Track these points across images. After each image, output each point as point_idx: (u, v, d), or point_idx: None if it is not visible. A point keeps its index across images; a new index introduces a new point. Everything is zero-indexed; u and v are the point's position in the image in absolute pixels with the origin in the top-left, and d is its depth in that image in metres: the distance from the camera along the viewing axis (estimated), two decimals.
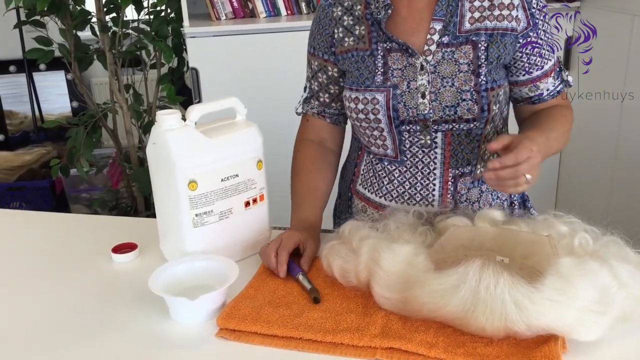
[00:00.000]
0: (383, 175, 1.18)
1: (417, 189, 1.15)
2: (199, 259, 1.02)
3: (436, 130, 1.11)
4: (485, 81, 1.08)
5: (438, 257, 0.96)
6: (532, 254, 0.94)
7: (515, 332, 0.82)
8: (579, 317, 0.80)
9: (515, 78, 1.14)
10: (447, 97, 1.08)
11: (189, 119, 1.03)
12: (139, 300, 0.99)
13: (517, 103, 1.19)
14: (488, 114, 1.09)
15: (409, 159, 1.14)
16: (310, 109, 1.25)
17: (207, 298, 0.92)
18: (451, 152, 1.12)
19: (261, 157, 1.11)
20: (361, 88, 1.12)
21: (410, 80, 1.09)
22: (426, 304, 0.86)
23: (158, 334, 0.92)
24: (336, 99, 1.22)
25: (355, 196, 1.26)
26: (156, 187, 1.07)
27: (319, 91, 1.22)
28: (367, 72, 1.11)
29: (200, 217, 1.04)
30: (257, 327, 0.90)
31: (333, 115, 1.24)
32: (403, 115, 1.10)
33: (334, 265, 0.99)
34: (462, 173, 1.14)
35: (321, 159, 1.23)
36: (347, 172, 1.30)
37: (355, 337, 0.86)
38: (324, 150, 1.25)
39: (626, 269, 0.84)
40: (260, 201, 1.12)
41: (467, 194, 1.16)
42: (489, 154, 1.13)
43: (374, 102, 1.10)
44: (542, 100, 1.16)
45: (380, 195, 1.19)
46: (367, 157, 1.22)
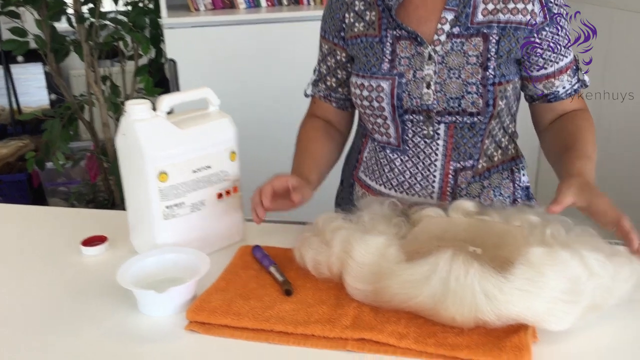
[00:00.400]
0: (385, 163, 1.18)
1: (417, 179, 1.15)
2: (170, 252, 1.01)
3: (439, 121, 1.09)
4: (493, 75, 1.06)
5: (411, 248, 0.96)
6: (504, 244, 0.93)
7: (485, 322, 0.82)
8: (549, 307, 0.80)
9: (529, 73, 1.12)
10: (453, 89, 1.07)
11: (160, 109, 1.02)
12: (108, 293, 0.98)
13: (533, 101, 1.17)
14: (493, 108, 1.08)
15: (411, 148, 1.13)
16: (318, 91, 1.25)
17: (176, 291, 0.90)
18: (453, 145, 1.11)
19: (234, 149, 1.09)
20: (367, 75, 1.11)
21: (417, 70, 1.08)
22: (397, 294, 0.86)
23: (126, 327, 0.91)
24: (343, 84, 1.21)
25: (357, 183, 1.25)
26: (126, 178, 1.06)
27: (326, 75, 1.22)
28: (374, 58, 1.11)
29: (171, 209, 1.02)
30: (227, 319, 0.89)
31: (339, 100, 1.24)
32: (407, 104, 1.09)
33: (307, 257, 0.98)
34: (464, 167, 1.13)
35: (326, 132, 1.23)
36: (351, 158, 1.30)
37: (327, 328, 0.86)
38: (330, 127, 1.25)
39: (597, 258, 0.84)
40: (233, 193, 1.10)
41: (467, 188, 1.15)
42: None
43: (378, 89, 1.09)
44: (558, 99, 1.14)
45: (381, 183, 1.19)
46: (371, 144, 1.21)
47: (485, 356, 0.79)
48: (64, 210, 1.46)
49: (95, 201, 2.65)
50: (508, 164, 1.20)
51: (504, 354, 0.79)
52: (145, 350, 0.86)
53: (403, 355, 0.81)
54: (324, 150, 1.21)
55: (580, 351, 0.81)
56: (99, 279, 1.03)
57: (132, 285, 0.92)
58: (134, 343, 0.87)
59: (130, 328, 0.90)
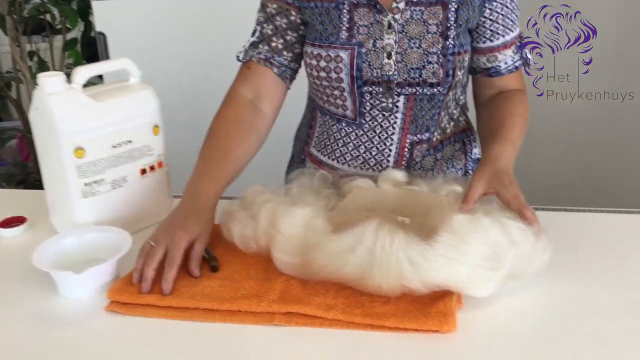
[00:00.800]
0: (338, 138, 1.15)
1: (372, 154, 1.13)
2: (90, 231, 0.97)
3: (399, 93, 1.07)
4: (452, 45, 1.05)
5: (340, 220, 0.95)
6: (432, 213, 0.94)
7: (410, 289, 0.82)
8: (471, 273, 0.80)
9: (476, 44, 1.11)
10: (414, 59, 1.05)
11: (75, 81, 0.97)
12: (26, 276, 0.93)
13: (475, 74, 1.17)
14: (452, 79, 1.07)
15: (368, 122, 1.11)
16: (257, 54, 1.11)
17: (95, 271, 0.87)
18: (411, 118, 1.09)
19: (158, 122, 1.05)
20: (324, 44, 1.06)
21: (377, 39, 1.05)
22: (324, 266, 0.85)
23: (44, 311, 0.87)
24: (290, 48, 1.12)
25: (309, 158, 1.22)
26: (41, 155, 1.00)
27: (272, 35, 1.11)
28: (331, 27, 1.06)
29: (90, 187, 0.98)
30: (151, 299, 0.86)
31: (282, 66, 1.12)
32: (367, 75, 1.06)
33: (234, 231, 0.96)
34: (420, 140, 1.12)
35: (246, 122, 1.09)
36: (301, 133, 1.25)
37: (253, 303, 0.84)
38: (254, 112, 1.11)
39: (517, 225, 0.85)
40: (158, 168, 1.07)
41: (421, 161, 1.14)
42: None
43: (337, 59, 1.06)
44: (499, 74, 1.13)
45: (334, 158, 1.16)
46: (322, 118, 1.17)
47: (411, 323, 0.79)
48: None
49: (26, 182, 2.55)
50: (460, 136, 1.20)
51: (429, 320, 0.79)
52: (64, 334, 0.82)
53: (331, 326, 0.81)
54: (241, 151, 1.07)
55: (503, 316, 0.83)
56: (17, 262, 0.98)
57: (48, 267, 0.87)
58: (52, 326, 0.84)
59: (48, 311, 0.87)
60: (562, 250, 0.90)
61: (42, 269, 0.87)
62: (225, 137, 1.06)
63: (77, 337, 0.81)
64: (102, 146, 0.97)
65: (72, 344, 0.80)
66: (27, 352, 0.78)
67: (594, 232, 1.06)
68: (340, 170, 1.14)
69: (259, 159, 1.12)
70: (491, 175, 0.95)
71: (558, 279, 0.89)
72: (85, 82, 0.98)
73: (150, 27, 2.16)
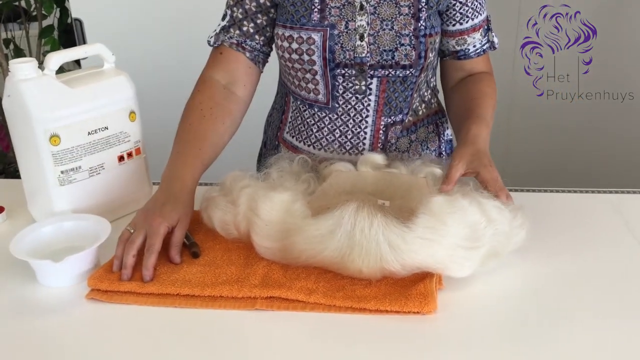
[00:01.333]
0: (312, 123, 1.14)
1: (348, 137, 1.12)
2: (68, 219, 0.96)
3: (372, 75, 1.07)
4: (424, 26, 1.05)
5: (320, 204, 0.95)
6: (411, 196, 0.94)
7: (391, 272, 0.82)
8: (450, 254, 0.81)
9: (445, 27, 1.11)
10: (386, 41, 1.04)
11: (48, 67, 0.95)
12: (5, 266, 0.92)
13: (444, 57, 1.17)
14: (424, 60, 1.07)
15: (341, 105, 1.10)
16: (229, 38, 1.10)
17: (75, 259, 0.86)
18: (385, 100, 1.09)
19: (134, 108, 1.04)
20: (296, 26, 1.05)
21: (349, 21, 1.04)
22: (304, 250, 0.85)
23: (24, 300, 0.86)
24: (261, 32, 1.11)
25: (282, 144, 1.21)
26: (17, 143, 0.99)
27: (243, 19, 1.10)
28: (302, 8, 1.05)
29: (66, 174, 0.97)
30: (131, 286, 0.85)
31: (254, 50, 1.11)
32: (339, 57, 1.05)
33: (214, 217, 0.96)
34: (394, 122, 1.12)
35: (221, 106, 1.08)
36: (274, 119, 1.24)
37: (235, 288, 0.84)
38: (228, 96, 1.10)
39: (494, 205, 0.86)
40: (136, 155, 1.06)
41: (396, 143, 1.15)
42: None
43: (309, 41, 1.04)
44: (467, 57, 1.14)
45: (309, 143, 1.15)
46: (294, 103, 1.16)
47: (392, 305, 0.80)
48: None
49: (6, 172, 2.51)
50: (432, 118, 1.21)
51: (410, 301, 0.80)
52: (44, 323, 0.82)
53: (312, 310, 0.81)
54: (217, 134, 1.06)
55: (483, 297, 0.84)
56: None
57: (27, 256, 0.86)
58: (32, 316, 0.83)
59: (27, 301, 0.86)
60: (537, 231, 0.91)
61: (20, 258, 0.86)
62: (200, 122, 1.05)
63: (58, 325, 0.81)
64: (77, 133, 0.96)
65: (53, 333, 0.80)
66: (8, 342, 0.78)
67: (568, 211, 1.08)
68: (317, 156, 1.14)
69: (231, 144, 1.11)
70: (472, 156, 0.95)
71: (535, 259, 0.91)
72: (58, 69, 0.96)
73: (127, 12, 2.12)
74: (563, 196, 1.15)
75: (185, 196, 0.96)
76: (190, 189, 0.98)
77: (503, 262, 0.87)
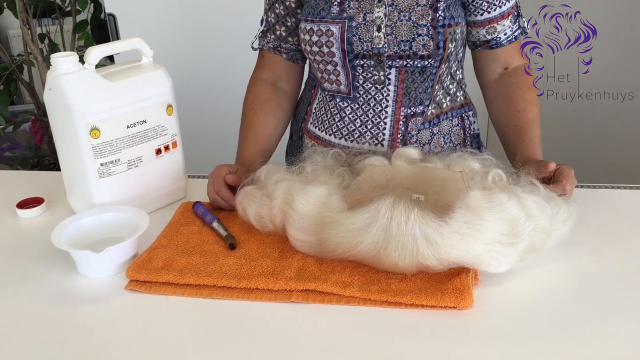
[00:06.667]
0: (334, 112, 1.16)
1: (368, 127, 1.13)
2: (108, 211, 0.97)
3: (390, 65, 1.08)
4: (442, 17, 1.05)
5: (355, 197, 0.95)
6: (447, 190, 0.93)
7: (427, 266, 0.82)
8: (488, 249, 0.80)
9: (473, 17, 1.12)
10: (403, 32, 1.06)
11: (88, 61, 0.96)
12: (45, 256, 0.94)
13: (476, 48, 1.17)
14: (443, 51, 1.07)
15: (362, 95, 1.12)
16: (267, 43, 1.20)
17: (114, 250, 0.88)
18: (404, 90, 1.10)
19: (171, 102, 1.05)
20: (316, 19, 1.08)
21: (367, 12, 1.06)
22: (340, 244, 0.85)
23: (65, 290, 0.88)
24: (293, 33, 1.18)
25: (306, 135, 1.23)
26: (57, 136, 1.01)
27: (275, 24, 1.18)
28: (323, 2, 1.08)
29: (106, 167, 0.98)
30: (169, 277, 0.87)
31: (290, 51, 1.20)
32: (357, 48, 1.07)
33: (249, 210, 0.96)
34: (414, 113, 1.13)
35: (270, 100, 1.20)
36: (300, 111, 1.27)
37: (271, 281, 0.85)
38: (276, 92, 1.22)
39: (534, 200, 0.85)
40: (173, 148, 1.07)
41: (417, 135, 1.15)
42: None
43: (328, 33, 1.07)
44: (499, 45, 1.15)
45: (330, 133, 1.17)
46: (321, 94, 1.19)
47: (428, 300, 0.79)
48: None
49: (41, 165, 2.56)
50: (457, 111, 1.20)
51: (446, 296, 0.79)
52: (85, 313, 0.84)
53: (347, 303, 0.81)
54: (269, 126, 1.19)
55: (521, 292, 0.83)
56: (35, 242, 0.99)
57: (67, 246, 0.88)
58: (72, 305, 0.85)
59: (68, 290, 0.88)
60: (579, 227, 0.90)
61: (61, 248, 0.88)
62: (253, 117, 1.19)
63: (97, 315, 0.83)
64: (117, 126, 0.98)
65: (93, 323, 0.81)
66: (49, 331, 0.79)
67: (613, 208, 1.06)
68: (337, 145, 1.16)
69: None
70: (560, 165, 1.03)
71: (576, 255, 0.89)
72: (97, 63, 0.98)
73: (159, 7, 2.14)
74: (610, 192, 1.12)
75: (246, 171, 1.08)
76: (254, 167, 1.07)
77: (543, 258, 0.86)
